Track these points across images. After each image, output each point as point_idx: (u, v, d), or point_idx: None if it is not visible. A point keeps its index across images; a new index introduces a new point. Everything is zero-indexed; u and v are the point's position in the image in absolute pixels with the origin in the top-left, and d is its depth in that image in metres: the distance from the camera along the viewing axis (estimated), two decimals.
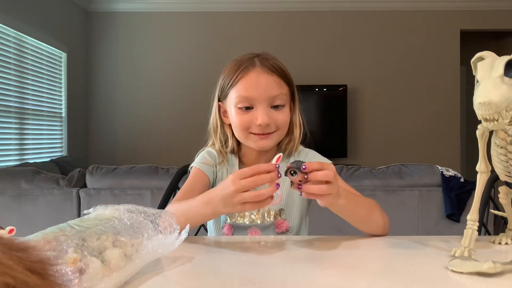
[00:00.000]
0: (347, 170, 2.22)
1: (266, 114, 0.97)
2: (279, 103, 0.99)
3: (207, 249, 0.81)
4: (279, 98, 0.99)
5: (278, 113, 0.99)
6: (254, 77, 0.98)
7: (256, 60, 1.00)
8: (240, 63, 1.00)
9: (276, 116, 0.99)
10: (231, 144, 1.07)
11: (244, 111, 0.99)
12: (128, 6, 4.60)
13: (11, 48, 3.24)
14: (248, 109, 0.98)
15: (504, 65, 0.61)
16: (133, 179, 2.20)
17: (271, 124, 0.98)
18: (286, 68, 1.03)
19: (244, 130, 1.00)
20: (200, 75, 4.56)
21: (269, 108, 0.98)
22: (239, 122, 1.00)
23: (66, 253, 0.51)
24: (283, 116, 1.00)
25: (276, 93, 0.98)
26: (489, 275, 0.62)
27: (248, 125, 0.99)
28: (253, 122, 0.98)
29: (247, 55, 1.03)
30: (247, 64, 0.99)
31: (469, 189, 2.10)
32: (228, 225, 1.04)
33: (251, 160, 1.08)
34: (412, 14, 4.63)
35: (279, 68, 1.00)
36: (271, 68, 0.99)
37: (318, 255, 0.77)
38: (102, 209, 0.69)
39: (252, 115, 0.98)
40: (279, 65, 1.01)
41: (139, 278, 0.62)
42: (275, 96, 0.98)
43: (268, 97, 0.97)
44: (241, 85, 0.98)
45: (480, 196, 0.74)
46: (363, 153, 4.67)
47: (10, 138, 3.24)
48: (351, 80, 4.61)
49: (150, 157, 4.40)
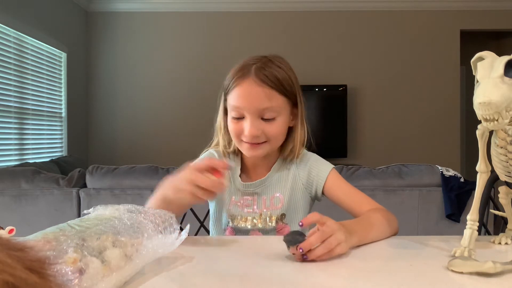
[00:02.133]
0: (347, 170, 2.22)
1: (254, 126, 0.95)
2: (269, 116, 0.96)
3: (207, 249, 0.81)
4: (269, 111, 0.95)
5: (269, 125, 0.97)
6: (247, 87, 0.95)
7: (252, 69, 0.96)
8: (239, 69, 0.98)
9: (266, 128, 0.97)
10: (234, 145, 1.06)
11: (236, 120, 0.98)
12: (128, 6, 4.60)
13: (11, 48, 3.24)
14: (240, 118, 0.97)
15: (504, 65, 0.61)
16: (133, 179, 2.20)
17: (260, 135, 0.96)
18: (289, 76, 0.98)
19: (236, 137, 1.00)
20: (200, 75, 4.57)
21: (259, 119, 0.96)
22: (232, 130, 1.00)
23: (66, 253, 0.51)
24: (274, 128, 0.97)
25: (266, 106, 0.94)
26: (489, 275, 0.62)
27: (239, 134, 0.98)
28: (243, 131, 0.97)
29: (251, 59, 1.00)
30: (244, 72, 0.97)
31: (469, 189, 2.10)
32: (230, 228, 1.04)
33: (251, 163, 1.07)
34: (412, 14, 4.63)
35: (275, 78, 0.95)
36: (264, 79, 0.94)
37: None
38: (102, 209, 0.69)
39: (242, 125, 0.97)
40: (277, 77, 0.96)
41: (139, 278, 0.62)
42: (265, 109, 0.95)
43: (257, 109, 0.95)
44: (235, 94, 0.97)
45: (480, 196, 0.74)
46: (363, 153, 4.67)
47: (10, 138, 3.24)
48: (351, 80, 4.61)
49: (150, 157, 4.40)
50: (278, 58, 1.01)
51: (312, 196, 1.08)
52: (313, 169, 1.06)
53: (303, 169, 1.07)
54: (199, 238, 0.90)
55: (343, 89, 4.56)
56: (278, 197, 1.05)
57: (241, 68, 0.98)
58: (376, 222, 0.88)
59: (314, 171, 1.05)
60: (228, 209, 1.05)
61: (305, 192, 1.07)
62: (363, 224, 0.85)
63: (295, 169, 1.07)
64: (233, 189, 1.06)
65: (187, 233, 0.71)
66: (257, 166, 1.08)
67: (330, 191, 1.04)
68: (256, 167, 1.08)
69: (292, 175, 1.07)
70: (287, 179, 1.07)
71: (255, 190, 1.05)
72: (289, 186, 1.06)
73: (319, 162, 1.07)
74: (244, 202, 1.05)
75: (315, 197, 1.08)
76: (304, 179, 1.07)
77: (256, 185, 1.05)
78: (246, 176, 1.08)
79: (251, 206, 1.05)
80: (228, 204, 1.05)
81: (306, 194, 1.07)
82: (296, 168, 1.07)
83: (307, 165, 1.07)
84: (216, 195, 0.77)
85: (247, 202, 1.05)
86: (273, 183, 1.06)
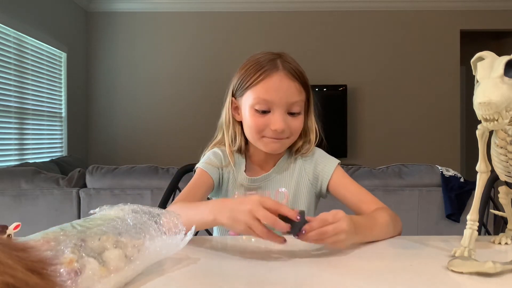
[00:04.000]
0: (347, 170, 2.22)
1: (283, 120, 0.96)
2: (296, 110, 0.98)
3: (210, 250, 0.80)
4: (297, 105, 0.97)
5: (294, 120, 0.98)
6: (276, 81, 0.95)
7: (279, 63, 0.97)
8: (262, 64, 0.97)
9: (292, 122, 0.98)
10: (239, 142, 1.04)
11: (260, 113, 0.97)
12: (128, 6, 4.60)
13: (11, 48, 3.24)
14: (265, 112, 0.97)
15: (504, 65, 0.61)
16: (133, 179, 2.20)
17: (286, 130, 0.97)
18: (304, 72, 1.01)
19: (258, 132, 0.98)
20: (200, 75, 4.56)
21: (286, 114, 0.97)
22: (254, 124, 0.98)
23: (63, 253, 0.51)
24: (299, 123, 0.99)
25: (296, 99, 0.97)
26: (489, 275, 0.62)
27: (263, 128, 0.97)
28: (269, 126, 0.96)
29: (267, 54, 1.00)
30: (270, 66, 0.96)
31: (469, 189, 2.10)
32: None
33: (258, 160, 1.06)
34: (412, 14, 4.63)
35: (300, 73, 0.98)
36: (293, 73, 0.97)
37: (320, 255, 0.77)
38: (107, 209, 0.68)
39: (268, 119, 0.96)
40: (300, 70, 0.99)
41: (141, 279, 0.61)
42: (294, 103, 0.97)
43: (287, 103, 0.96)
44: (262, 87, 0.96)
45: (480, 196, 0.74)
46: (363, 153, 4.67)
47: (10, 138, 3.24)
48: (351, 80, 4.61)
49: (150, 157, 4.40)
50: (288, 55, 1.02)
51: (317, 192, 1.07)
52: (319, 164, 1.05)
53: (309, 164, 1.06)
54: (202, 238, 0.90)
55: (343, 89, 4.56)
56: (283, 192, 1.04)
57: (264, 63, 0.97)
58: (382, 221, 0.87)
59: (320, 166, 1.05)
60: None
61: (311, 188, 1.06)
62: (369, 222, 0.85)
63: (301, 164, 1.06)
64: (237, 185, 1.05)
65: (192, 234, 0.70)
66: (263, 162, 1.06)
67: (335, 188, 1.04)
68: (262, 163, 1.07)
69: (298, 170, 1.06)
70: (292, 173, 1.06)
71: (259, 185, 1.04)
72: (294, 180, 1.05)
73: (325, 157, 1.07)
74: None
75: (320, 194, 1.08)
76: (310, 174, 1.06)
77: (260, 180, 1.04)
78: (250, 173, 1.06)
79: None
80: None
81: (312, 190, 1.06)
82: (302, 162, 1.07)
83: (313, 159, 1.06)
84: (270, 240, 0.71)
85: None
86: (278, 177, 1.05)
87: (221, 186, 1.06)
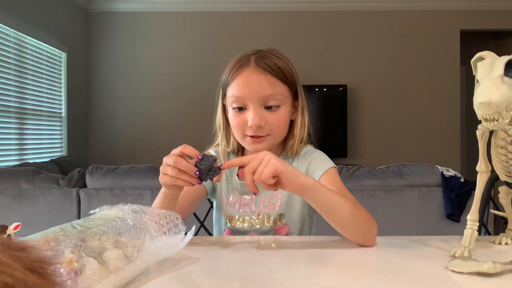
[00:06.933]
0: (347, 170, 2.22)
1: (257, 115, 0.93)
2: (273, 104, 0.94)
3: (210, 250, 0.81)
4: (272, 98, 0.94)
5: (272, 114, 0.95)
6: (246, 76, 0.94)
7: (251, 59, 0.96)
8: (237, 61, 0.97)
9: (269, 117, 0.95)
10: (232, 144, 1.04)
11: (238, 111, 0.96)
12: (128, 6, 4.60)
13: (11, 48, 3.24)
14: (241, 109, 0.96)
15: (504, 65, 0.61)
16: (133, 179, 2.20)
17: (263, 126, 0.94)
18: (289, 66, 0.98)
19: (239, 131, 0.97)
20: (200, 75, 4.56)
21: (262, 109, 0.94)
22: (234, 123, 0.98)
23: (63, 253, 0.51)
24: (277, 118, 0.96)
25: (269, 92, 0.93)
26: (489, 275, 0.62)
27: (242, 126, 0.96)
28: (246, 123, 0.95)
29: (249, 52, 0.99)
30: (242, 62, 0.96)
31: (469, 189, 2.10)
32: (228, 229, 1.03)
33: None
34: (412, 14, 4.63)
35: (275, 67, 0.95)
36: (265, 67, 0.94)
37: (318, 255, 0.77)
38: (108, 209, 0.68)
39: (245, 116, 0.95)
40: (276, 64, 0.95)
41: (142, 279, 0.61)
42: (268, 96, 0.93)
43: (260, 97, 0.93)
44: (235, 84, 0.95)
45: (480, 196, 0.74)
46: (363, 153, 4.67)
47: (10, 138, 3.24)
48: (351, 80, 4.61)
49: (150, 157, 4.40)
50: (275, 50, 1.01)
51: None
52: (312, 165, 1.02)
53: (303, 165, 1.03)
54: (200, 238, 0.90)
55: (343, 89, 4.56)
56: (276, 195, 1.02)
57: (239, 60, 0.97)
58: (341, 200, 0.82)
59: (312, 167, 1.01)
60: (226, 209, 1.04)
61: None
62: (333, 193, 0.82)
63: (296, 164, 1.04)
64: (231, 188, 1.04)
65: (192, 234, 0.70)
66: None
67: None
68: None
69: None
70: None
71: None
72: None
73: (320, 159, 1.02)
74: (241, 202, 1.03)
75: None
76: None
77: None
78: None
79: (249, 205, 1.02)
80: (225, 204, 1.04)
81: None
82: (296, 165, 1.03)
83: (308, 159, 1.03)
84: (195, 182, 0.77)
85: (244, 201, 1.03)
86: None
87: (215, 189, 1.06)
